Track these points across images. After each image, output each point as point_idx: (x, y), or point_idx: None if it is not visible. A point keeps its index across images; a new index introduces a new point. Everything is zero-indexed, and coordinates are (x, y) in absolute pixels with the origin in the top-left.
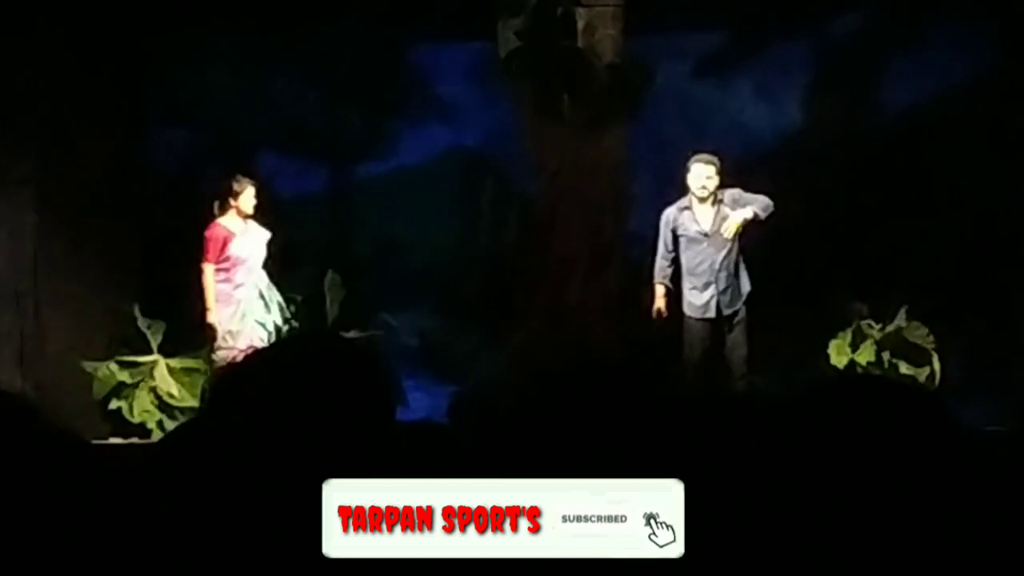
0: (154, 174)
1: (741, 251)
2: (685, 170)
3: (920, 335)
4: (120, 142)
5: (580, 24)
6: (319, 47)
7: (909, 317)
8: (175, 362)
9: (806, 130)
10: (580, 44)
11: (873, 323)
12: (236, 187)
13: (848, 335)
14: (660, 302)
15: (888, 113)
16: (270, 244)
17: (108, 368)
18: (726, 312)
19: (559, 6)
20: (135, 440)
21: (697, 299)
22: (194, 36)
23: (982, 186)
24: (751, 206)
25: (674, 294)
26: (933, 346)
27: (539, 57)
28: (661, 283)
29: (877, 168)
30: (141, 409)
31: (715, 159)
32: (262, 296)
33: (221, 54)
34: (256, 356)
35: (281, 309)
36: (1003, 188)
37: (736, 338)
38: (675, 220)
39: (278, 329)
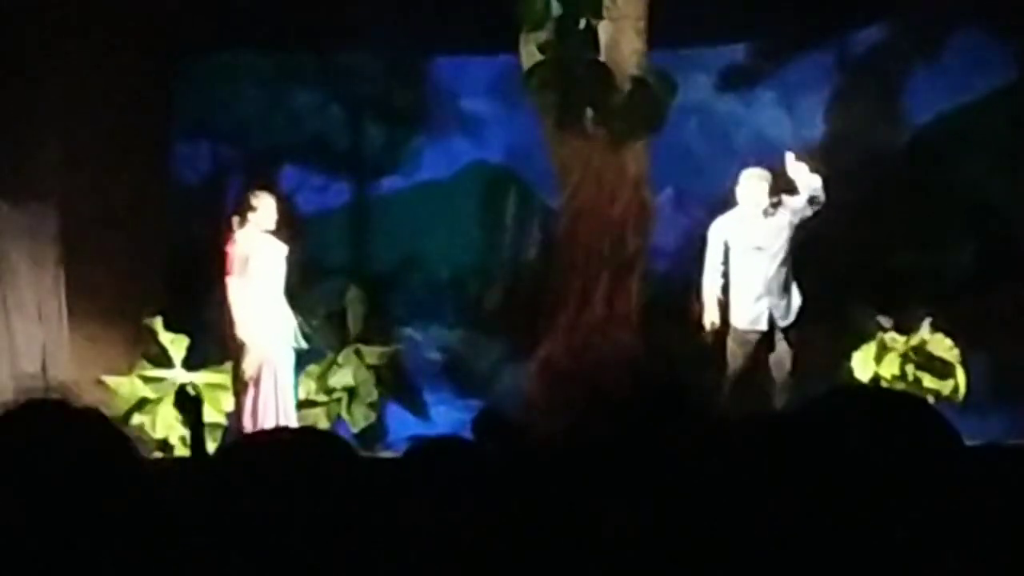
0: (177, 188)
1: (792, 265)
2: (735, 183)
3: (944, 348)
4: (144, 156)
5: (603, 37)
6: (342, 62)
7: (933, 330)
8: (198, 377)
9: (829, 143)
10: (603, 58)
11: (897, 336)
12: (254, 202)
13: (872, 348)
14: (714, 315)
15: (910, 126)
16: (290, 259)
17: (131, 383)
18: (781, 324)
19: (582, 19)
20: (158, 455)
21: (749, 312)
22: (218, 51)
23: (1004, 198)
24: (801, 194)
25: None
26: (957, 359)
27: (562, 71)
28: (713, 296)
29: (900, 181)
30: (164, 424)
31: (768, 174)
32: (281, 310)
33: (245, 69)
34: None
35: (300, 325)
36: None
37: (782, 350)
38: (727, 233)
39: (296, 344)
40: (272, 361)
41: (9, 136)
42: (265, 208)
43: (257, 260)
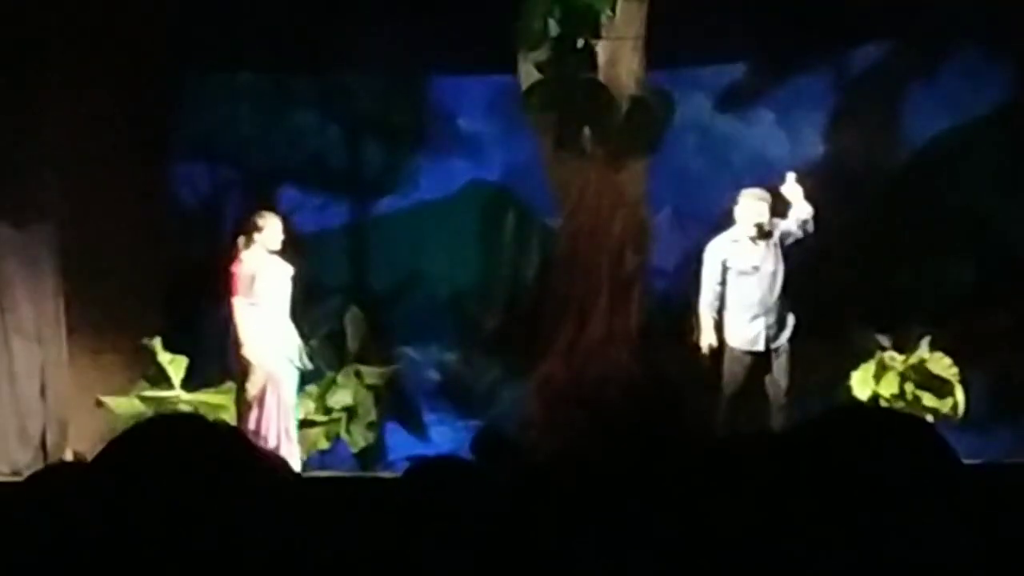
0: (176, 209)
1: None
2: (734, 203)
3: (943, 366)
4: (143, 177)
5: (601, 57)
6: (340, 82)
7: (932, 348)
8: (197, 397)
9: (827, 162)
10: (601, 77)
11: (896, 355)
12: (260, 222)
13: (871, 367)
14: (711, 335)
15: (908, 145)
16: (292, 279)
17: (130, 403)
18: (774, 345)
19: (580, 39)
20: None
21: (746, 331)
22: (217, 72)
23: (1003, 217)
24: (791, 218)
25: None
26: (956, 377)
27: (560, 90)
28: (710, 317)
29: (898, 199)
30: None
31: (767, 195)
32: (285, 331)
33: (243, 89)
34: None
35: (300, 345)
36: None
37: (778, 370)
38: (725, 253)
39: (301, 364)
40: (276, 381)
41: (8, 156)
42: (271, 228)
43: (263, 280)
